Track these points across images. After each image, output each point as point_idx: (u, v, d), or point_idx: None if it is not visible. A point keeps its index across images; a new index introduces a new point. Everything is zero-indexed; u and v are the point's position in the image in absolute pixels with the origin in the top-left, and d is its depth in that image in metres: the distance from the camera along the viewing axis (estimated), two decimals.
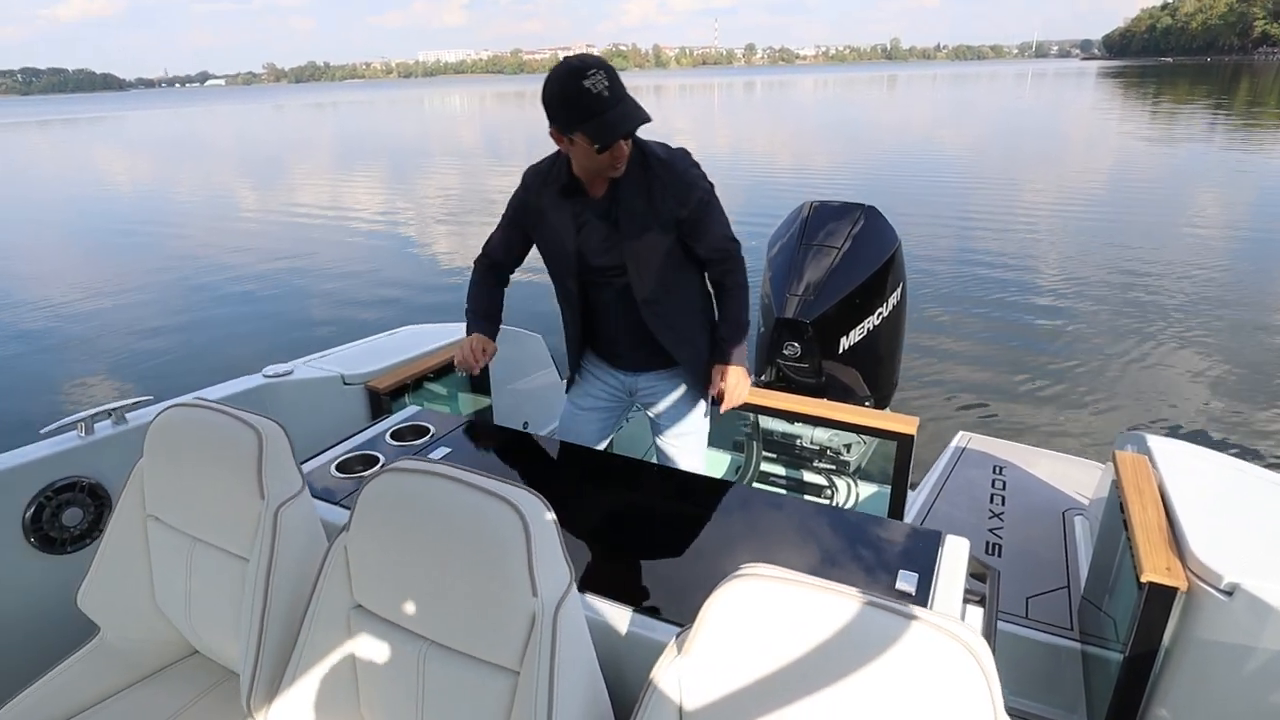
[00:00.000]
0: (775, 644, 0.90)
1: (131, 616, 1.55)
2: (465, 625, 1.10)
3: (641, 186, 1.79)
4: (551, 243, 1.93)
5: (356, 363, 2.47)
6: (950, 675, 0.83)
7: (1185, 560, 1.38)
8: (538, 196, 1.90)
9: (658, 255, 1.86)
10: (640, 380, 2.09)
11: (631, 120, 1.65)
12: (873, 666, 0.86)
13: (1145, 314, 6.56)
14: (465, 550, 1.07)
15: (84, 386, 5.80)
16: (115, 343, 6.86)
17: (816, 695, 0.87)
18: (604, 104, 1.61)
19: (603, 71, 1.62)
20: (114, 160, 27.01)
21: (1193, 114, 27.73)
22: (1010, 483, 2.74)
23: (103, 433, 1.92)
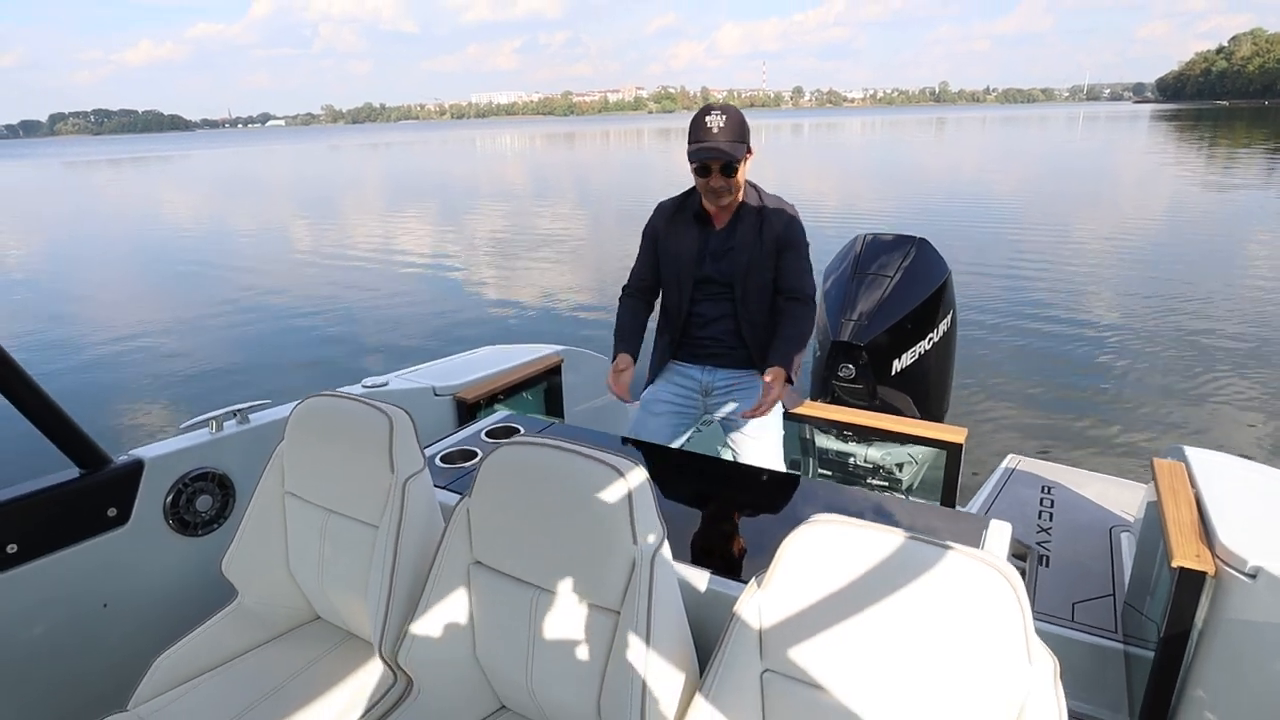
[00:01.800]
0: (841, 577, 1.07)
1: (267, 582, 1.77)
2: (573, 573, 1.29)
3: (755, 222, 2.23)
4: (674, 259, 2.32)
5: (445, 376, 2.71)
6: (988, 597, 0.98)
7: (1213, 548, 1.49)
8: (666, 225, 2.34)
9: (760, 279, 2.26)
10: (719, 376, 2.38)
11: (712, 154, 2.08)
12: (924, 593, 1.01)
13: (1194, 347, 6.62)
14: (575, 507, 1.27)
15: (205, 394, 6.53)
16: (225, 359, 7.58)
17: (876, 618, 1.05)
18: (707, 134, 2.07)
19: (727, 116, 2.08)
20: (188, 197, 28.44)
21: (1250, 157, 27.22)
22: (1058, 501, 2.83)
23: (229, 430, 2.16)
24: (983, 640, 0.99)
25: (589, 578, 1.28)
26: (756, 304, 2.30)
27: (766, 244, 2.22)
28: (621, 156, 44.17)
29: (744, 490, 1.87)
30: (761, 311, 2.31)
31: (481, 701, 1.48)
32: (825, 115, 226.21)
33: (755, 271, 2.25)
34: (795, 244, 2.25)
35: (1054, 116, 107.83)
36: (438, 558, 1.44)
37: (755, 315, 2.32)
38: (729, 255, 2.26)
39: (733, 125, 2.08)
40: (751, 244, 2.23)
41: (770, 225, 2.23)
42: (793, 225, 2.25)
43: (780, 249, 2.24)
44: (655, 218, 2.39)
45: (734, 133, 2.08)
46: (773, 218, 2.23)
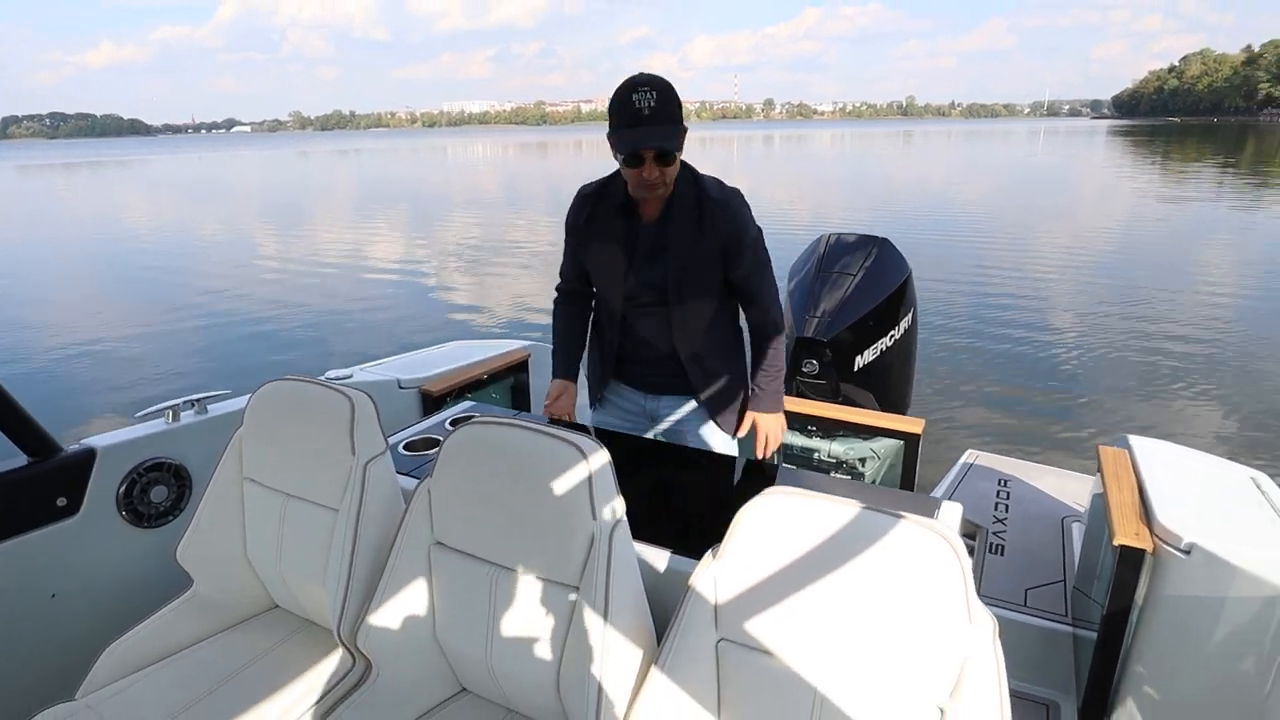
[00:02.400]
0: (793, 546, 1.10)
1: (223, 570, 1.74)
2: (533, 550, 1.30)
3: (694, 215, 1.82)
4: (599, 261, 1.96)
5: (410, 369, 2.69)
6: (931, 561, 1.02)
7: (1152, 526, 1.55)
8: (587, 217, 1.94)
9: (700, 285, 1.89)
10: (661, 404, 2.08)
11: (651, 140, 1.67)
12: (871, 559, 1.05)
13: (1145, 347, 6.89)
14: (536, 485, 1.27)
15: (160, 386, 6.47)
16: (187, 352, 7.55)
17: (826, 584, 1.09)
18: (638, 118, 1.65)
19: (655, 92, 1.65)
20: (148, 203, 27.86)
21: (1200, 171, 28.15)
22: (1014, 493, 2.89)
23: (187, 420, 2.13)
24: (927, 602, 1.02)
25: (549, 554, 1.29)
26: (695, 319, 1.93)
27: (709, 243, 1.83)
28: (593, 166, 44.29)
29: (706, 474, 1.89)
30: (702, 329, 1.95)
31: (442, 683, 1.47)
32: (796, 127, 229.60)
33: (694, 277, 1.87)
34: (748, 242, 1.87)
35: (1016, 131, 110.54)
36: (398, 539, 1.44)
37: (694, 334, 1.95)
38: (661, 257, 1.86)
39: (665, 102, 1.66)
40: (689, 242, 1.83)
41: (713, 219, 1.82)
42: (741, 217, 1.86)
43: (729, 250, 1.85)
44: (575, 208, 1.97)
45: (668, 111, 1.67)
46: (716, 210, 1.82)
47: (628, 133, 1.68)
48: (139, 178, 43.64)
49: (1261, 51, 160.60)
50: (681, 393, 2.05)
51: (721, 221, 1.83)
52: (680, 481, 1.84)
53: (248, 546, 1.72)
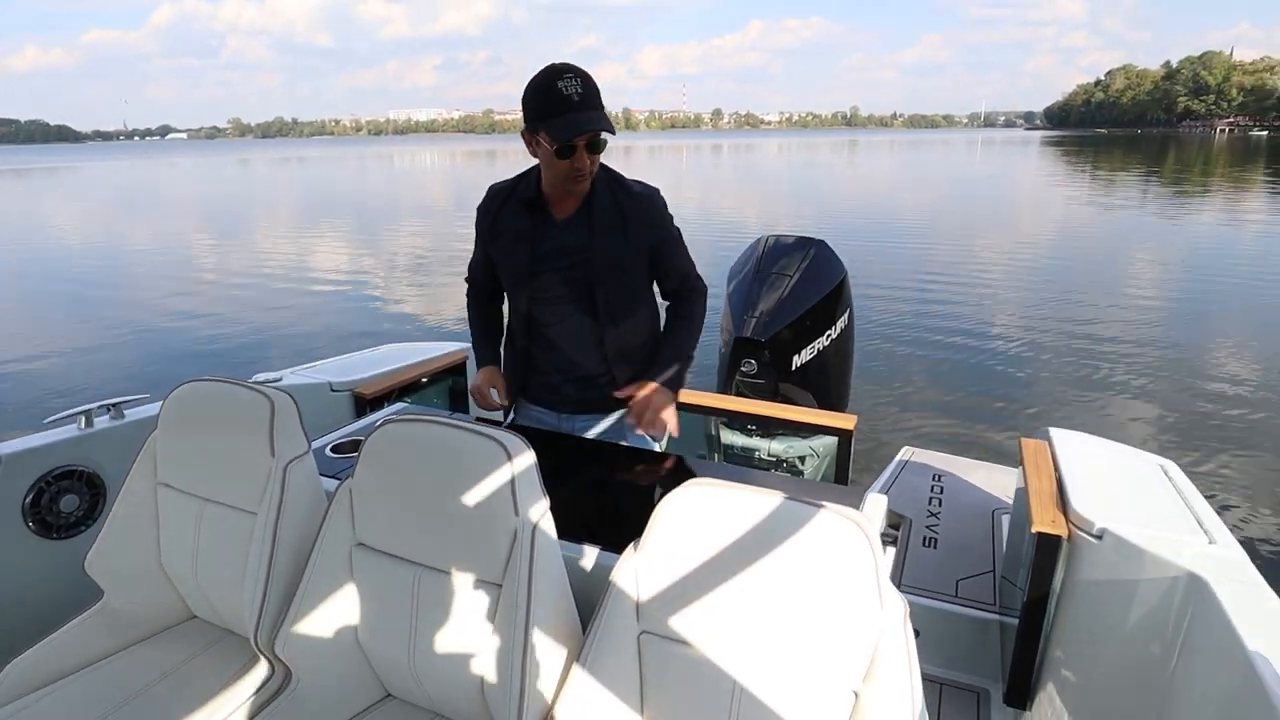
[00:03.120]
0: (711, 537, 1.11)
1: (136, 580, 1.67)
2: (456, 548, 1.27)
3: (615, 211, 1.76)
4: (508, 259, 1.86)
5: (343, 372, 2.63)
6: (843, 547, 1.04)
7: (1067, 514, 1.60)
8: (497, 213, 1.86)
9: (627, 285, 1.82)
10: (577, 423, 1.98)
11: (592, 124, 1.62)
12: (786, 547, 1.06)
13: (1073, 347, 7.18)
14: (458, 483, 1.25)
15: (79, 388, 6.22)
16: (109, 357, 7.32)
17: (744, 574, 1.10)
18: (570, 105, 1.60)
19: (579, 79, 1.61)
20: (71, 210, 26.75)
21: (1127, 179, 29.47)
22: (947, 489, 2.96)
23: (101, 425, 2.04)
24: (839, 588, 1.04)
25: (471, 552, 1.27)
26: (624, 319, 1.84)
27: (635, 242, 1.78)
28: None
29: (634, 470, 1.88)
30: (629, 329, 1.87)
31: (365, 689, 1.43)
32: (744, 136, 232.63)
33: (621, 277, 1.79)
34: (671, 234, 1.85)
35: (955, 140, 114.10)
36: (318, 541, 1.39)
37: (626, 337, 1.86)
38: (580, 255, 1.78)
39: (592, 88, 1.62)
40: (614, 241, 1.76)
41: (637, 216, 1.78)
42: (663, 212, 1.83)
43: (657, 248, 1.82)
44: (484, 206, 1.90)
45: (597, 96, 1.63)
46: (639, 205, 1.78)
47: (560, 121, 1.61)
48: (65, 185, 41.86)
49: (1179, 67, 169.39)
50: (596, 411, 1.96)
51: (647, 219, 1.79)
52: (607, 478, 1.83)
53: (162, 554, 1.65)
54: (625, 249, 1.78)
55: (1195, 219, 17.25)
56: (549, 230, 1.81)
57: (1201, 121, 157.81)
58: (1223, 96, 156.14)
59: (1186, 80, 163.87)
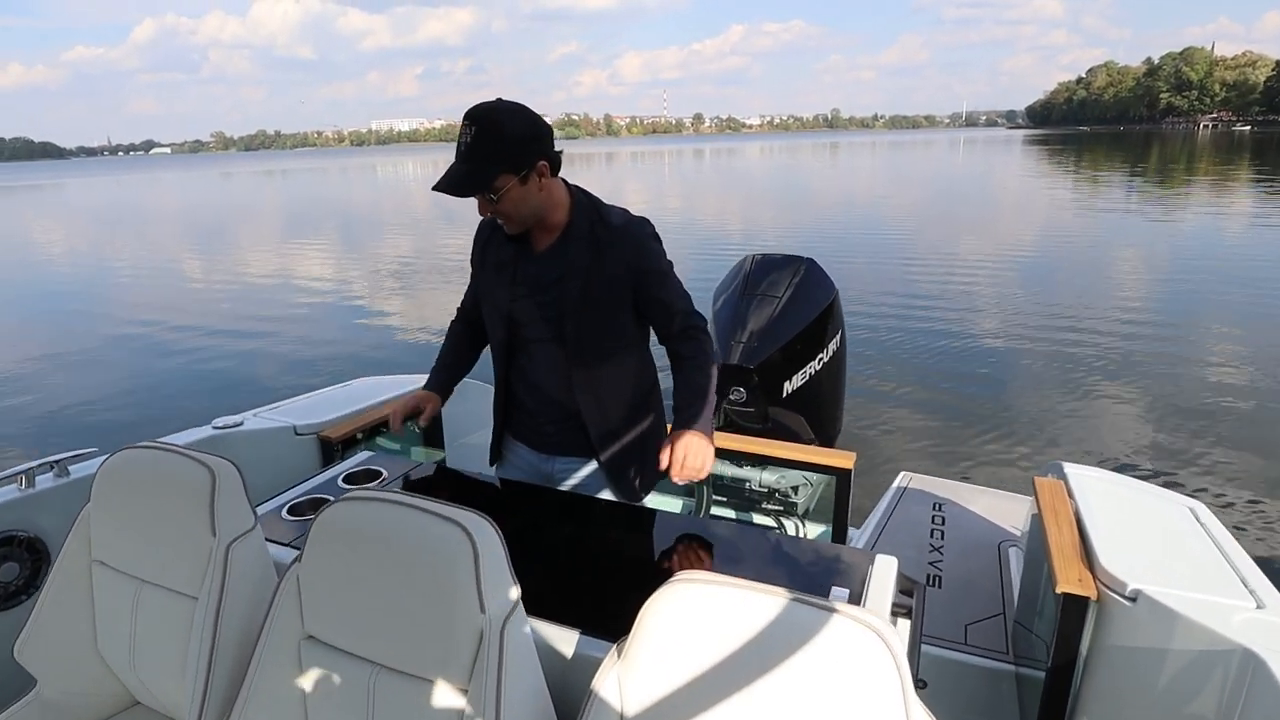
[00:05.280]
0: (707, 644, 0.96)
1: (71, 667, 1.52)
2: (415, 646, 1.13)
3: (590, 242, 1.69)
4: (487, 292, 1.84)
5: (308, 414, 2.48)
6: (864, 659, 0.90)
7: (1095, 571, 1.48)
8: (485, 243, 1.83)
9: (599, 320, 1.73)
10: (557, 465, 1.90)
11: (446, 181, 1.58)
12: (795, 657, 0.91)
13: (1071, 359, 6.99)
14: (415, 572, 1.11)
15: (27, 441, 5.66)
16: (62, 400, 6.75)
17: (746, 688, 0.94)
18: (457, 155, 1.59)
19: (474, 128, 1.56)
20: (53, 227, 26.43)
21: (1111, 178, 29.61)
22: (949, 519, 2.84)
23: (43, 485, 1.90)
24: (859, 706, 0.90)
25: (433, 652, 1.13)
26: (596, 359, 1.75)
27: (611, 272, 1.69)
28: None
29: (619, 532, 1.74)
30: (604, 372, 1.77)
31: None
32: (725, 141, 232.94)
33: (593, 313, 1.71)
34: (659, 268, 1.73)
35: (937, 141, 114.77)
36: (264, 632, 1.25)
37: (595, 378, 1.77)
38: (555, 287, 1.71)
39: (482, 139, 1.56)
40: (587, 270, 1.68)
41: (617, 247, 1.69)
42: (649, 244, 1.72)
43: (638, 279, 1.71)
44: (475, 237, 1.88)
45: (483, 149, 1.56)
46: (619, 237, 1.69)
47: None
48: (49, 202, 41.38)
49: (1161, 64, 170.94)
50: (578, 454, 1.87)
51: (624, 253, 1.69)
52: (593, 542, 1.69)
53: (99, 640, 1.51)
54: (598, 282, 1.70)
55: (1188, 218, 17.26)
56: (527, 261, 1.76)
57: (1184, 118, 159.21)
58: (1205, 92, 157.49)
59: (1168, 77, 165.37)
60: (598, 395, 1.79)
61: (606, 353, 1.77)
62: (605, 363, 1.78)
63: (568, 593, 1.46)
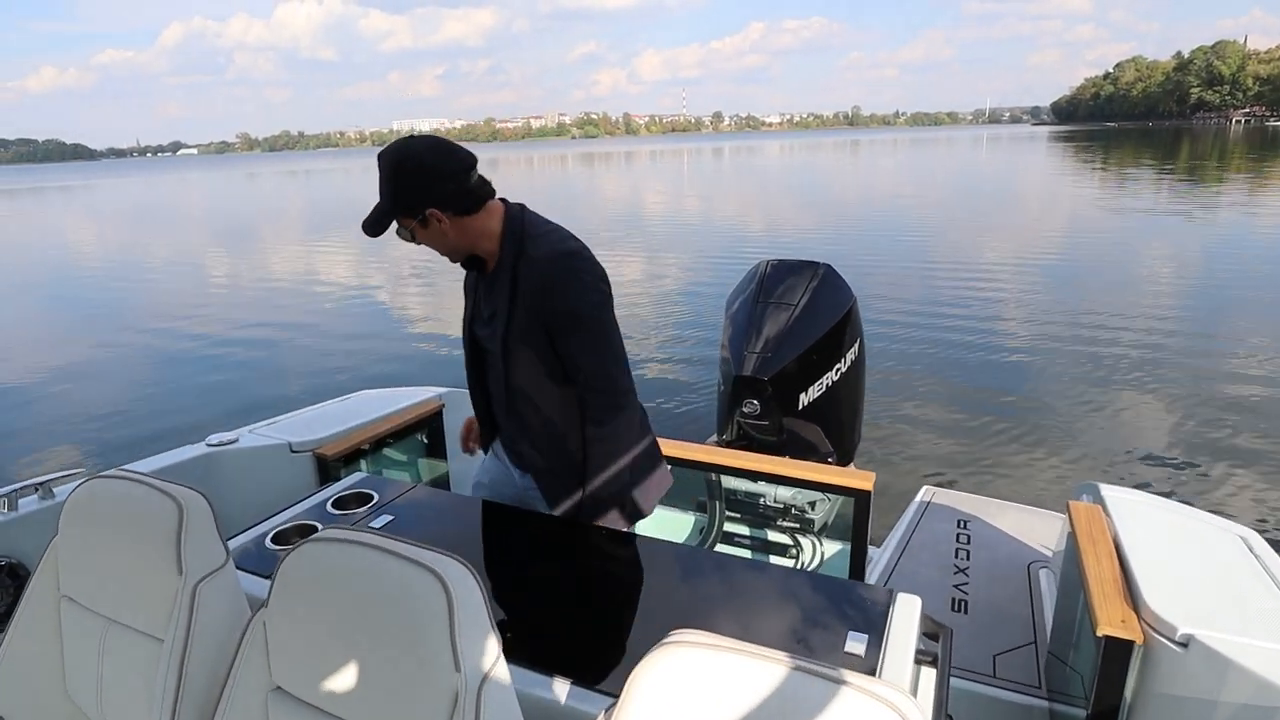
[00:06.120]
0: (704, 716, 0.85)
1: (40, 708, 1.44)
2: (386, 706, 1.03)
3: (510, 278, 1.62)
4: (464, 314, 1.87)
5: (305, 430, 2.40)
6: None
7: (1140, 612, 1.35)
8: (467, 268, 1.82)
9: (524, 358, 1.65)
10: (528, 482, 1.86)
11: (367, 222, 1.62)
12: None
13: (1102, 367, 6.71)
14: (386, 624, 1.01)
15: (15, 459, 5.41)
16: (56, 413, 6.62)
17: None
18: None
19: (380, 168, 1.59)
20: (80, 228, 26.83)
21: (1139, 175, 28.96)
22: (975, 537, 2.71)
23: (27, 509, 1.84)
24: None
25: (407, 711, 1.03)
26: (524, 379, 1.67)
27: (525, 317, 1.60)
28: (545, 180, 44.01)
29: (621, 567, 1.63)
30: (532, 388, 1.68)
31: None
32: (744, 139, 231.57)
33: (519, 358, 1.65)
34: (570, 312, 1.58)
35: (960, 138, 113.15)
36: (229, 681, 1.16)
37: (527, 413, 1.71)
38: (492, 322, 1.69)
39: (384, 183, 1.58)
40: (507, 312, 1.63)
41: (531, 288, 1.59)
42: (567, 285, 1.58)
43: (550, 323, 1.59)
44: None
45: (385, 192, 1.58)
46: (533, 273, 1.59)
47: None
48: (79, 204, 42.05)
49: (1191, 58, 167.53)
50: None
51: (539, 293, 1.59)
52: (591, 578, 1.58)
53: (67, 680, 1.43)
54: (519, 324, 1.63)
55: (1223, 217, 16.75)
56: (481, 287, 1.76)
57: (1216, 113, 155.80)
58: (1238, 87, 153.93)
59: (1199, 71, 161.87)
60: (528, 423, 1.74)
61: (538, 391, 1.68)
62: (538, 402, 1.70)
63: (560, 636, 1.35)
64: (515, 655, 1.28)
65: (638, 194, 29.72)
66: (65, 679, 1.43)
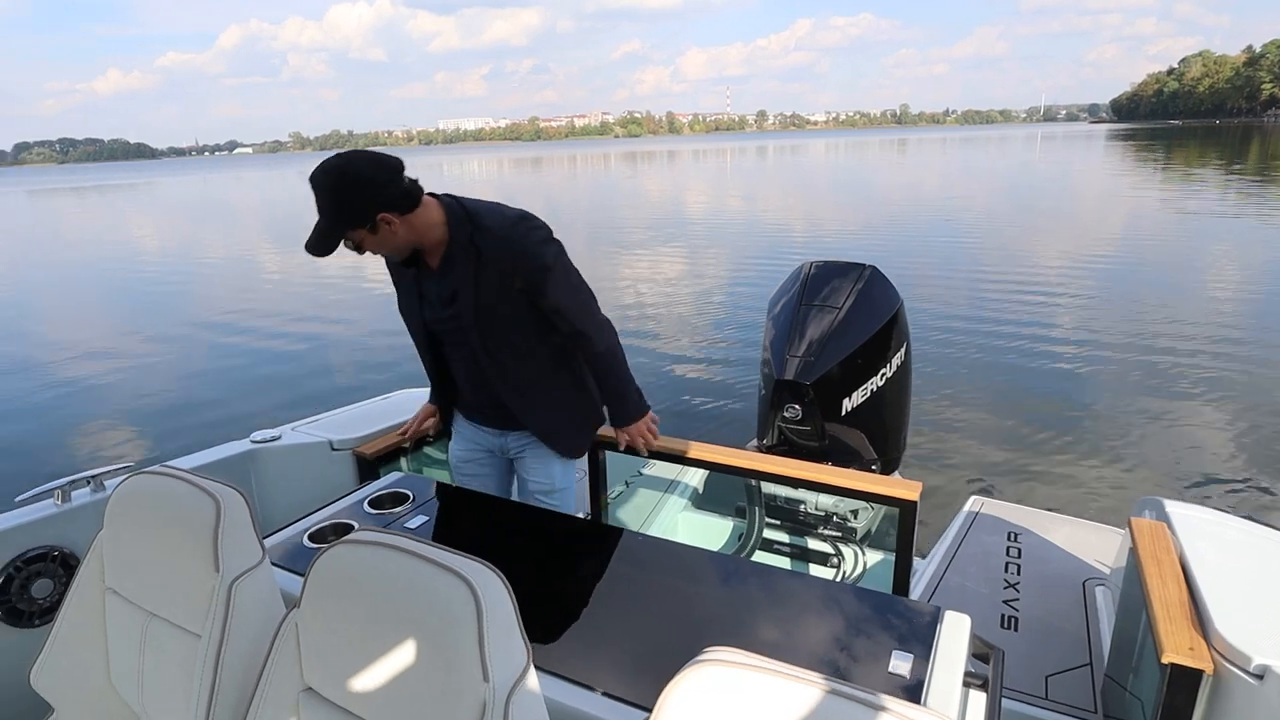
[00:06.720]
0: None
1: (85, 696, 1.47)
2: (414, 713, 1.02)
3: (473, 255, 1.81)
4: (404, 310, 2.02)
5: (346, 427, 2.43)
6: None
7: (1210, 639, 1.27)
8: (391, 265, 1.98)
9: (497, 322, 1.86)
10: (510, 440, 2.12)
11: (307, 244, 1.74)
12: None
13: (1164, 374, 6.43)
14: (415, 629, 1.00)
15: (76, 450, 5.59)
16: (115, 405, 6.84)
17: None
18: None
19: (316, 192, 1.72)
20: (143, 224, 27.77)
21: (1205, 175, 27.81)
22: (1026, 550, 2.61)
23: (79, 500, 1.89)
24: None
25: (437, 717, 1.01)
26: (505, 353, 1.91)
27: (494, 280, 1.80)
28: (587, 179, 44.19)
29: (656, 574, 1.60)
30: (514, 361, 1.93)
31: None
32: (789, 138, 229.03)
33: (491, 317, 1.85)
34: (541, 266, 1.81)
35: (1013, 137, 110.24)
36: (262, 680, 1.16)
37: (507, 368, 1.93)
38: (451, 304, 1.87)
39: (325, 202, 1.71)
40: (474, 283, 1.81)
41: (497, 254, 1.79)
42: (526, 247, 1.80)
43: (528, 282, 1.82)
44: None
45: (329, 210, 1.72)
46: (498, 242, 1.79)
47: None
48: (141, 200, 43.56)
49: (1263, 52, 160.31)
50: (519, 427, 2.07)
51: (506, 257, 1.81)
52: (626, 585, 1.56)
53: (111, 671, 1.45)
54: (486, 290, 1.83)
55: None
56: (428, 280, 1.92)
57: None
58: None
59: (1273, 65, 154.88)
60: (515, 384, 1.96)
61: (515, 349, 1.92)
62: (517, 358, 1.93)
63: (592, 645, 1.33)
64: (545, 663, 1.26)
65: (679, 192, 29.60)
66: (109, 669, 1.46)
